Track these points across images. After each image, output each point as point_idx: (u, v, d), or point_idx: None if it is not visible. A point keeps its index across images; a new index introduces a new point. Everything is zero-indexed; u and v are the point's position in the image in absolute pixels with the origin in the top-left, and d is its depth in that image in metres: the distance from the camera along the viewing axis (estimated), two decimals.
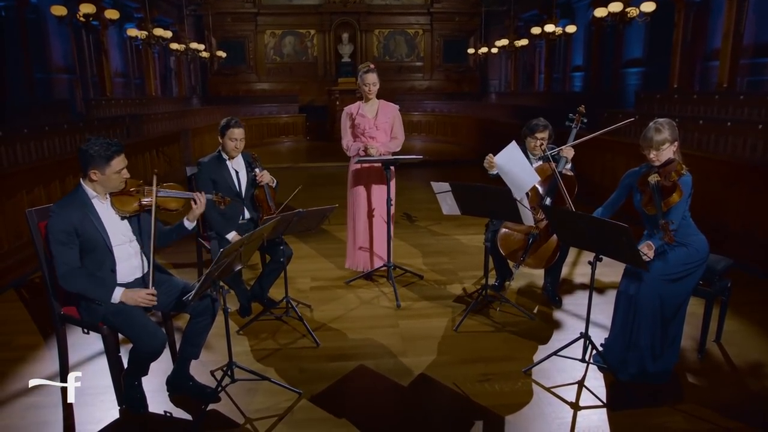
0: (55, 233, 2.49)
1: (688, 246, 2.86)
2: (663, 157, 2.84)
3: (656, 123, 2.85)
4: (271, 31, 18.44)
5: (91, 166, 2.52)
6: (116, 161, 2.54)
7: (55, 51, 12.29)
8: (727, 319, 3.37)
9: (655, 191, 2.75)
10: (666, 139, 2.80)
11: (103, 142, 2.53)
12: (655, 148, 2.81)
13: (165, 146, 8.85)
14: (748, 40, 8.93)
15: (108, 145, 2.53)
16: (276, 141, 15.05)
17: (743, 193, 4.70)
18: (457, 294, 4.15)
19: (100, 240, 2.57)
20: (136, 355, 2.59)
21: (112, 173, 2.55)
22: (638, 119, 7.15)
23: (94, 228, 2.56)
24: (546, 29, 13.64)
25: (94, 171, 2.53)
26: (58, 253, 2.50)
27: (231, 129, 3.59)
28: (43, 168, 5.29)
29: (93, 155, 2.50)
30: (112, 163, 2.53)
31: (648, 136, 2.83)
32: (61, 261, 2.49)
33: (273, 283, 3.84)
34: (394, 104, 4.40)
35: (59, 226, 2.49)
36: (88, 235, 2.54)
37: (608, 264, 2.98)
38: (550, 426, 2.59)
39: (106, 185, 2.59)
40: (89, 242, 2.55)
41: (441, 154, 12.31)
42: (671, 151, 2.85)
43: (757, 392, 2.88)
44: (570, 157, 3.65)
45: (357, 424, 2.60)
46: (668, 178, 2.75)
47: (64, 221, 2.49)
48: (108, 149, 2.51)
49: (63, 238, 2.49)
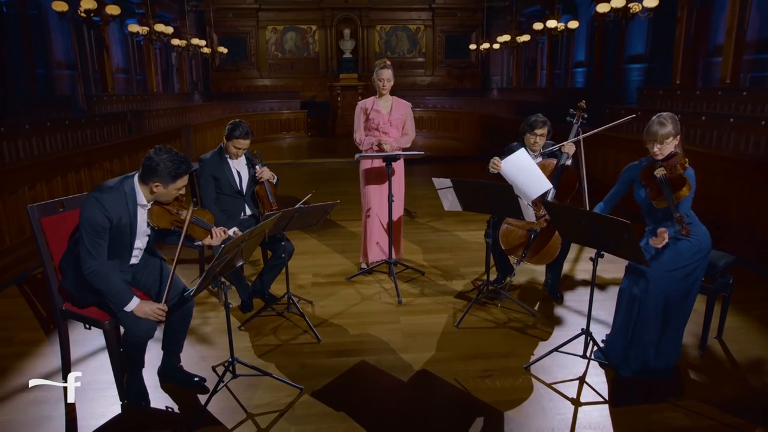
0: (92, 223, 2.43)
1: (693, 238, 2.86)
2: (666, 151, 2.85)
3: (660, 117, 2.85)
4: (273, 27, 18.40)
5: (156, 178, 2.49)
6: (182, 180, 2.55)
7: (57, 47, 12.28)
8: (729, 315, 3.37)
9: (663, 185, 2.75)
10: (670, 132, 2.81)
11: (174, 158, 2.49)
12: (659, 141, 2.82)
13: (167, 142, 8.79)
14: (751, 36, 8.88)
15: (179, 163, 2.50)
16: (277, 137, 15.05)
17: (745, 189, 4.69)
18: (458, 290, 4.15)
19: (127, 240, 2.59)
20: (128, 341, 2.61)
21: (173, 189, 2.55)
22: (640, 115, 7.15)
23: (129, 229, 2.56)
24: (548, 25, 13.59)
25: (156, 184, 2.51)
26: (90, 244, 2.45)
27: (238, 139, 3.58)
28: (44, 164, 5.30)
29: (162, 171, 2.47)
30: (178, 181, 2.53)
31: (652, 130, 2.83)
32: (91, 253, 2.46)
33: (274, 278, 3.85)
34: (407, 101, 4.42)
35: (98, 218, 2.43)
36: (120, 232, 2.53)
37: (610, 260, 2.98)
38: (550, 422, 2.60)
39: (161, 198, 2.58)
40: (116, 238, 2.54)
41: (443, 150, 12.30)
42: (674, 144, 2.86)
43: (758, 389, 2.88)
44: (571, 153, 3.65)
45: (358, 420, 2.61)
46: (674, 171, 2.76)
47: (104, 213, 2.44)
48: (178, 168, 2.49)
49: (99, 230, 2.45)
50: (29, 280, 4.46)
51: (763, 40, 9.09)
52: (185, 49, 15.66)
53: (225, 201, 3.76)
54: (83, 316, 2.70)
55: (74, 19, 10.82)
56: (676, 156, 2.85)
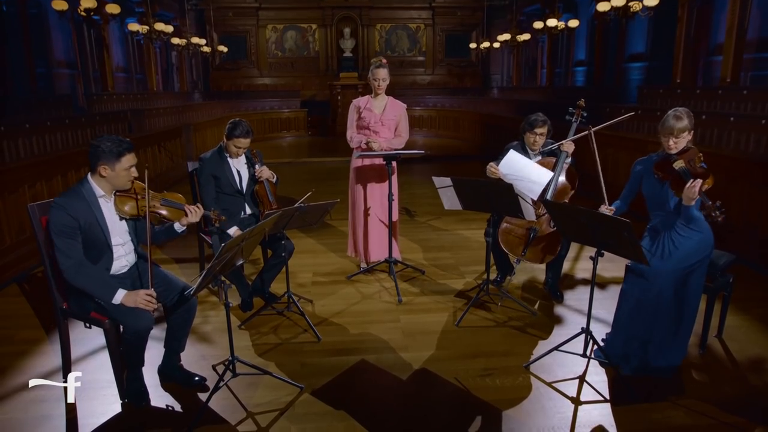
0: (60, 226, 2.49)
1: (699, 235, 2.89)
2: (681, 145, 2.89)
3: (676, 111, 2.89)
4: (273, 26, 18.39)
5: (101, 161, 2.54)
6: (126, 158, 2.57)
7: (57, 46, 12.28)
8: (729, 314, 3.37)
9: (686, 175, 2.76)
10: (686, 126, 2.85)
11: (114, 138, 2.58)
12: (675, 135, 2.85)
13: (167, 141, 8.85)
14: (751, 34, 8.87)
15: (119, 141, 2.57)
16: (277, 136, 15.04)
17: (746, 188, 4.68)
18: (458, 289, 4.15)
19: (101, 238, 2.61)
20: (127, 338, 2.62)
21: (122, 170, 2.57)
22: (639, 113, 7.14)
23: (98, 226, 2.59)
24: (548, 23, 13.58)
25: (104, 167, 2.55)
26: (63, 246, 2.50)
27: (238, 138, 3.59)
28: (44, 163, 5.29)
29: (104, 150, 2.53)
30: (122, 159, 2.56)
31: (668, 124, 2.86)
32: (67, 254, 2.50)
33: (274, 277, 3.85)
34: (403, 103, 4.39)
35: (63, 219, 2.50)
36: (90, 231, 2.57)
37: (610, 259, 2.98)
38: (550, 420, 2.60)
39: (114, 182, 2.61)
40: (90, 239, 2.58)
41: (443, 149, 12.30)
42: (687, 139, 2.89)
43: (759, 388, 2.88)
44: (570, 152, 3.65)
45: (358, 419, 2.61)
46: (693, 163, 2.79)
47: (68, 215, 2.50)
48: (119, 146, 2.55)
49: (68, 231, 2.50)
50: (30, 279, 4.46)
51: (763, 39, 9.09)
52: (185, 48, 15.66)
53: (225, 200, 3.76)
54: (85, 315, 2.70)
55: (74, 18, 10.82)
56: (691, 150, 2.88)
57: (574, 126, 3.72)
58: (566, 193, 3.66)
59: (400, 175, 4.37)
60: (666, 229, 2.95)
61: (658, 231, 3.01)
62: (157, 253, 2.68)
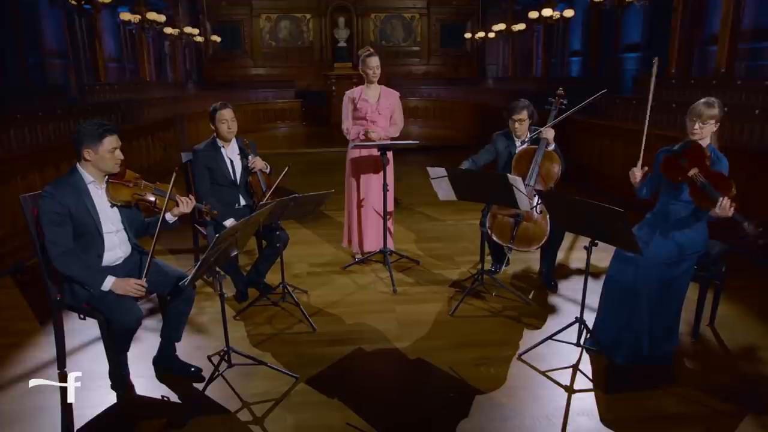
0: (49, 214, 2.49)
1: (695, 232, 2.91)
2: (705, 133, 2.87)
3: (708, 99, 2.88)
4: (267, 15, 18.19)
5: (84, 144, 2.55)
6: (108, 140, 2.57)
7: (48, 35, 12.12)
8: (721, 303, 3.39)
9: (712, 196, 2.71)
10: (715, 115, 2.85)
11: (96, 122, 2.60)
12: (702, 120, 2.84)
13: (160, 132, 8.79)
14: (746, 24, 8.87)
15: (100, 124, 2.59)
16: (272, 126, 14.98)
17: (740, 178, 4.66)
18: (453, 279, 4.16)
19: (92, 225, 2.60)
20: (113, 330, 2.62)
21: (105, 152, 2.57)
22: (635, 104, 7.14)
23: (88, 213, 2.58)
24: (544, 14, 13.54)
25: (87, 150, 2.55)
26: (52, 234, 2.50)
27: (219, 111, 3.64)
28: (37, 153, 5.26)
29: (85, 134, 2.54)
30: (104, 141, 2.56)
31: (698, 109, 2.86)
32: (55, 242, 2.50)
33: (269, 268, 3.85)
34: (396, 91, 4.40)
35: (53, 207, 2.49)
36: (81, 219, 2.56)
37: (604, 249, 2.98)
38: (545, 409, 2.62)
39: (100, 166, 2.60)
40: (81, 226, 2.57)
41: (438, 140, 12.27)
42: (712, 130, 2.89)
43: (750, 376, 2.91)
44: (551, 138, 3.71)
45: (353, 408, 2.62)
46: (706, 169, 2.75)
47: (58, 202, 2.49)
48: (100, 127, 2.57)
49: (57, 219, 2.50)
50: (24, 271, 4.44)
51: (758, 29, 9.09)
52: (178, 38, 15.51)
53: (220, 191, 3.75)
54: (77, 306, 2.69)
55: (65, 6, 10.69)
56: (703, 153, 2.81)
57: (553, 113, 3.80)
58: (551, 178, 3.69)
59: (394, 165, 4.36)
60: (666, 220, 2.95)
61: (657, 220, 3.01)
62: (150, 244, 2.66)
